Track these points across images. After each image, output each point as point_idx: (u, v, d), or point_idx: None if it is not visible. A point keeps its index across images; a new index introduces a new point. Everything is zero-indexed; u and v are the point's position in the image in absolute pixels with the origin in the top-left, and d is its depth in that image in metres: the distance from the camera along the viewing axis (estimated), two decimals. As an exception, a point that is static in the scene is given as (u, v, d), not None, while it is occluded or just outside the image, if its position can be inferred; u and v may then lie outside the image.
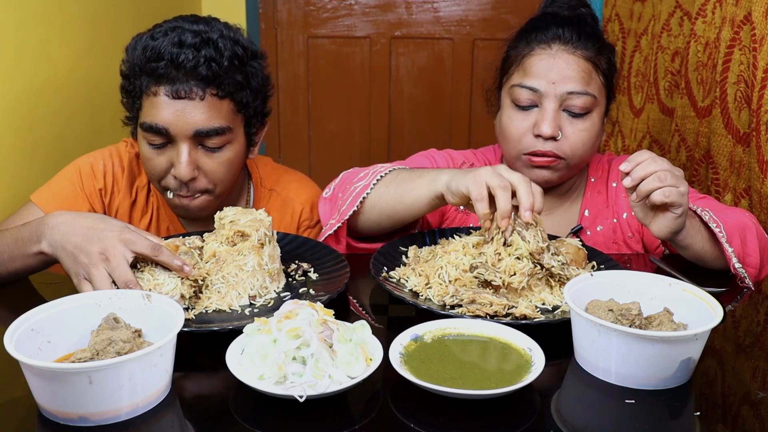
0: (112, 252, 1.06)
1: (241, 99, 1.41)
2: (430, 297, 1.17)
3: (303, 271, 1.27)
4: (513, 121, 1.44)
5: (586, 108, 1.41)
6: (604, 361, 0.95)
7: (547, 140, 1.40)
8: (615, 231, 1.53)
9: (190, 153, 1.36)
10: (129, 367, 0.83)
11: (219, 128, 1.37)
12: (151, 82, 1.34)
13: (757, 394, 0.94)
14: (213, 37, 1.36)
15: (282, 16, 3.13)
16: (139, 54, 1.35)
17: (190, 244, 1.19)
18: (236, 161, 1.44)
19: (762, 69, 1.51)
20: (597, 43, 1.43)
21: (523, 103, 1.42)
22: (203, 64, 1.32)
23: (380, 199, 1.36)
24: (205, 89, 1.34)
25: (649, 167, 1.17)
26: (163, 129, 1.34)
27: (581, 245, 1.27)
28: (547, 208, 1.57)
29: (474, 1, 3.08)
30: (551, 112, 1.39)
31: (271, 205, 1.60)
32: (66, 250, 1.10)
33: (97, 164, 1.50)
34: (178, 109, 1.33)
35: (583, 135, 1.41)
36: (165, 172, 1.40)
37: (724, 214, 1.33)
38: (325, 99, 3.23)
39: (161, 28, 1.37)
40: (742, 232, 1.31)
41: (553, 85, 1.39)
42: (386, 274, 1.25)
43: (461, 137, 3.22)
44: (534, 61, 1.42)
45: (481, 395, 0.87)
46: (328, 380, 0.87)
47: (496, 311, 1.09)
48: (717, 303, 0.98)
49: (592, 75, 1.42)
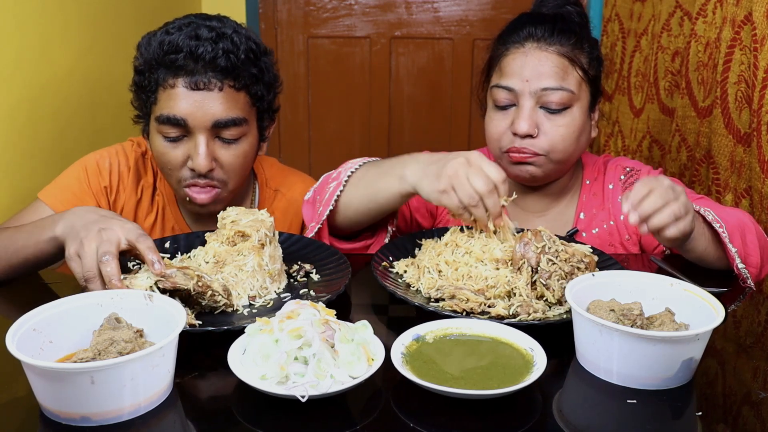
0: (108, 233, 1.08)
1: (256, 92, 1.42)
2: (420, 289, 1.19)
3: (305, 272, 1.27)
4: (493, 121, 1.47)
5: (564, 103, 1.41)
6: (606, 361, 0.95)
7: (524, 138, 1.41)
8: (612, 234, 1.53)
9: (208, 144, 1.37)
10: (131, 367, 0.83)
11: (236, 119, 1.38)
12: (169, 74, 1.35)
13: (759, 394, 0.94)
14: (227, 32, 1.37)
15: (282, 16, 3.13)
16: (156, 48, 1.36)
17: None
18: (250, 154, 1.46)
19: (763, 69, 1.51)
20: (573, 38, 1.43)
21: (501, 103, 1.45)
22: (222, 56, 1.34)
23: (353, 198, 1.36)
24: (223, 80, 1.35)
25: (655, 202, 1.11)
26: (181, 120, 1.35)
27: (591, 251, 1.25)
28: (541, 209, 1.57)
29: (474, 1, 3.08)
30: (526, 110, 1.41)
31: (276, 205, 1.60)
32: (74, 229, 1.12)
33: (104, 162, 1.50)
34: (197, 100, 1.35)
35: (562, 130, 1.42)
36: (181, 165, 1.40)
37: (725, 213, 1.34)
38: (325, 99, 3.23)
39: (174, 25, 1.38)
40: (742, 231, 1.31)
41: (527, 82, 1.41)
42: (387, 263, 1.28)
43: (461, 137, 3.22)
44: (508, 61, 1.44)
45: (483, 395, 0.87)
46: (330, 380, 0.87)
47: (471, 308, 1.11)
48: (718, 303, 0.98)
49: (568, 70, 1.42)
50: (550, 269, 1.14)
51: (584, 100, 1.46)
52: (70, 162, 1.53)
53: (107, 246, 1.06)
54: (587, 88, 1.46)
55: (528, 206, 1.57)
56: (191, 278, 1.06)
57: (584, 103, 1.46)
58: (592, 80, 1.47)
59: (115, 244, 1.07)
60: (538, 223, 1.56)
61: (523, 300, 1.12)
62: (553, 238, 1.18)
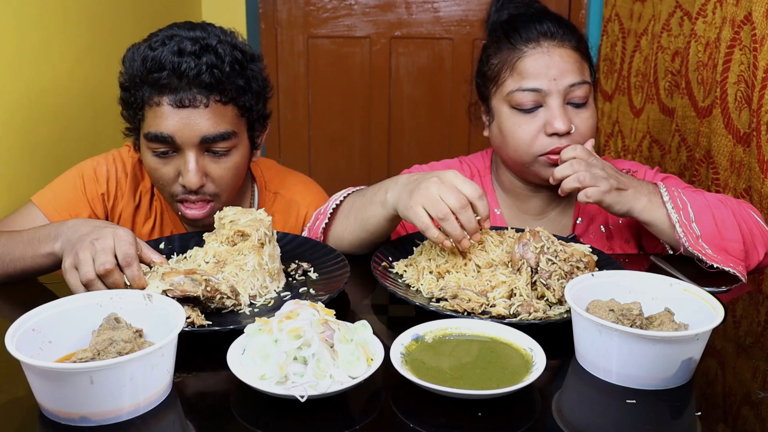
0: (101, 243, 1.09)
1: (243, 103, 1.40)
2: (420, 289, 1.19)
3: (303, 271, 1.27)
4: (520, 126, 1.42)
5: (586, 97, 1.43)
6: (605, 361, 0.95)
7: (563, 136, 1.40)
8: (610, 237, 1.53)
9: (197, 160, 1.36)
10: (130, 367, 0.83)
11: (225, 133, 1.36)
12: (154, 92, 1.33)
13: (758, 394, 0.94)
14: (212, 43, 1.35)
15: (282, 16, 3.13)
16: (139, 65, 1.34)
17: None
18: (242, 166, 1.44)
19: (762, 69, 1.51)
20: (576, 32, 1.45)
21: (527, 106, 1.41)
22: (206, 71, 1.32)
23: (345, 230, 1.37)
24: (209, 96, 1.33)
25: (567, 169, 1.30)
26: (168, 138, 1.34)
27: (590, 250, 1.25)
28: (539, 212, 1.57)
29: (474, 1, 3.08)
30: (559, 108, 1.39)
31: (275, 208, 1.60)
32: (70, 242, 1.14)
33: (101, 169, 1.50)
34: (183, 117, 1.33)
35: (590, 122, 1.43)
36: (172, 180, 1.39)
37: (704, 197, 1.35)
38: (325, 99, 3.23)
39: (158, 38, 1.36)
40: (718, 215, 1.31)
41: (555, 81, 1.40)
42: (386, 263, 1.28)
43: (461, 137, 3.22)
44: (528, 62, 1.41)
45: (483, 395, 0.87)
46: (329, 380, 0.87)
47: (472, 308, 1.11)
48: (718, 303, 0.98)
49: (582, 63, 1.44)
50: (550, 269, 1.14)
51: (592, 90, 1.48)
52: (69, 163, 1.53)
53: (103, 256, 1.08)
54: (591, 78, 1.48)
55: (528, 209, 1.57)
56: (199, 284, 1.06)
57: (593, 92, 1.48)
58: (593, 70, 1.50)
59: (110, 252, 1.09)
60: (538, 225, 1.56)
61: (523, 300, 1.12)
62: (551, 238, 1.18)
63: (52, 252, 1.19)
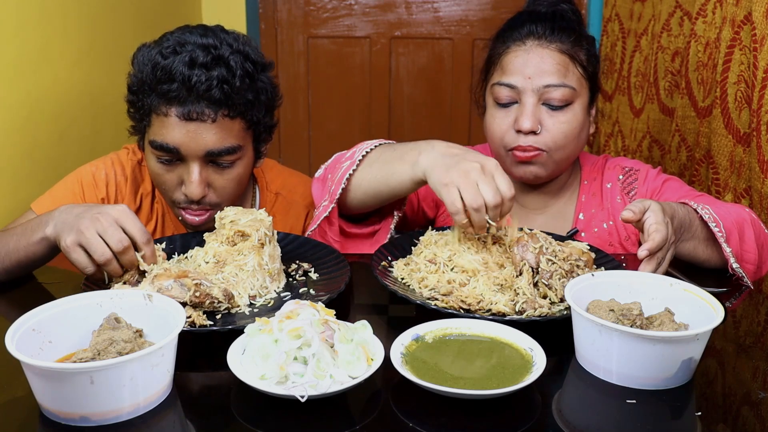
0: (104, 216, 1.10)
1: (251, 117, 1.39)
2: (415, 288, 1.19)
3: (303, 271, 1.27)
4: (495, 119, 1.46)
5: (566, 100, 1.42)
6: (606, 361, 0.95)
7: (528, 134, 1.42)
8: (611, 233, 1.53)
9: (201, 172, 1.36)
10: (130, 367, 0.83)
11: (230, 148, 1.36)
12: (162, 102, 1.32)
13: (758, 394, 0.94)
14: (224, 54, 1.33)
15: (282, 16, 3.13)
16: (149, 72, 1.33)
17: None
18: (245, 176, 1.45)
19: (762, 69, 1.51)
20: (573, 35, 1.44)
21: (503, 100, 1.45)
22: (216, 86, 1.30)
23: (365, 179, 1.36)
24: (217, 111, 1.32)
25: (663, 255, 1.18)
26: (174, 149, 1.34)
27: (588, 248, 1.26)
28: (539, 206, 1.57)
29: (474, 1, 3.08)
30: (530, 106, 1.41)
31: (276, 208, 1.60)
32: (66, 223, 1.13)
33: (99, 173, 1.49)
34: (190, 130, 1.32)
35: (564, 127, 1.42)
36: (175, 187, 1.40)
37: (723, 210, 1.34)
38: (325, 99, 3.23)
39: (169, 43, 1.34)
40: (740, 229, 1.31)
41: (529, 79, 1.41)
42: (386, 263, 1.28)
43: (461, 137, 3.21)
44: (510, 59, 1.45)
45: (483, 395, 0.87)
46: (329, 380, 0.87)
47: (469, 304, 1.11)
48: (718, 303, 0.98)
49: (569, 67, 1.43)
50: (551, 269, 1.14)
51: (584, 97, 1.46)
52: (69, 165, 1.53)
53: (117, 233, 1.08)
54: (586, 84, 1.47)
55: (528, 203, 1.57)
56: (188, 289, 1.06)
57: (584, 99, 1.46)
58: (590, 77, 1.48)
59: (119, 228, 1.10)
60: (539, 220, 1.56)
61: (527, 297, 1.12)
62: (548, 238, 1.19)
63: (44, 237, 1.17)
